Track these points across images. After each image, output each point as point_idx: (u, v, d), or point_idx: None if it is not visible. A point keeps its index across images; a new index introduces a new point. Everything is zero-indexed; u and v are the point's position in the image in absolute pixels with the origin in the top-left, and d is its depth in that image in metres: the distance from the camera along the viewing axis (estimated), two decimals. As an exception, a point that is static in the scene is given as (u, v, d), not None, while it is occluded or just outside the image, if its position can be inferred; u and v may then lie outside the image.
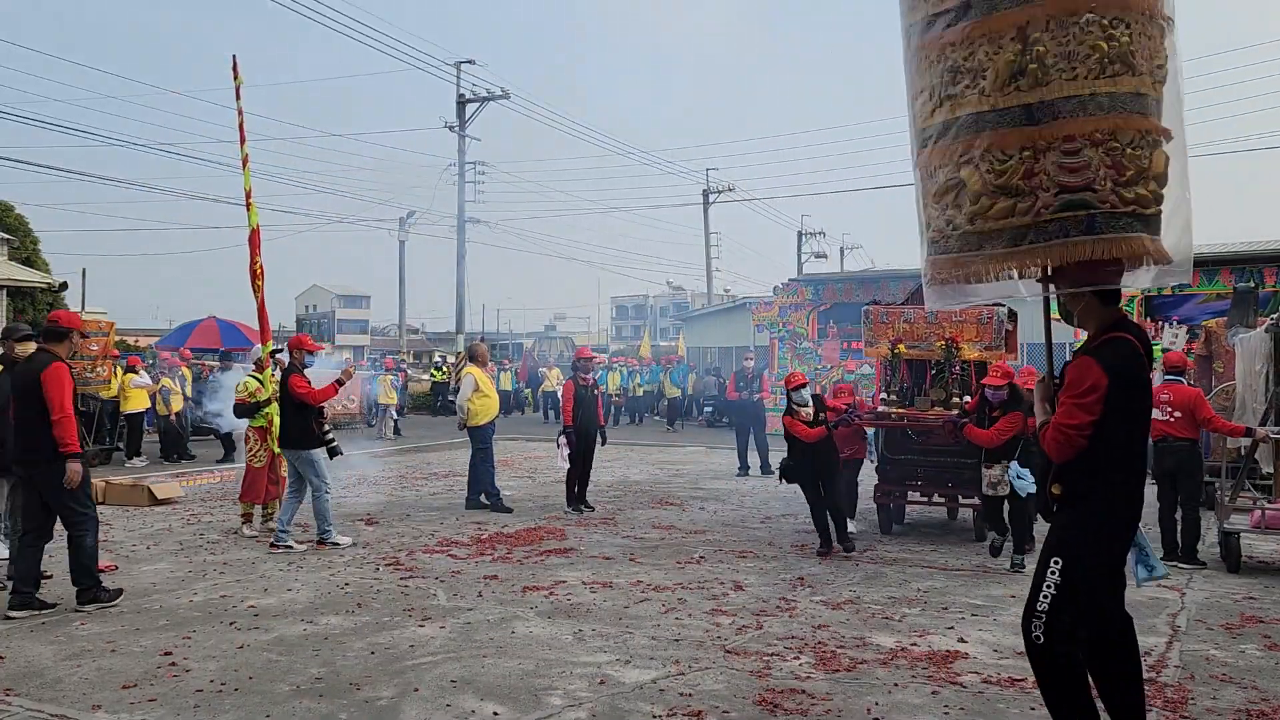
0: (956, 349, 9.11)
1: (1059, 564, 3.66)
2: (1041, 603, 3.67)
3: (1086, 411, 3.56)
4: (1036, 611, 3.67)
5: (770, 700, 4.63)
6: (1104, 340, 3.68)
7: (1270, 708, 4.62)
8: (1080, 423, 3.57)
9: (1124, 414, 3.60)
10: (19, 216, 21.13)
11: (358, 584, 7.00)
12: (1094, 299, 3.73)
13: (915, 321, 9.31)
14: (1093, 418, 3.56)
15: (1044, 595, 3.67)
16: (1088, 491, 3.65)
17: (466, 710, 4.51)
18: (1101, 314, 3.75)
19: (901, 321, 9.40)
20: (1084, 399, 3.56)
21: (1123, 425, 3.61)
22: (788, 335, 21.08)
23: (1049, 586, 3.66)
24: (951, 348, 9.12)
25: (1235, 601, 6.75)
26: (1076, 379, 3.61)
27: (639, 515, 10.28)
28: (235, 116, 9.32)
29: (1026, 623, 3.74)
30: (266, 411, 8.92)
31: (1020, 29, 3.52)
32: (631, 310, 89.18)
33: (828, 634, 5.82)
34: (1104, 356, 3.61)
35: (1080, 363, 3.64)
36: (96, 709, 4.52)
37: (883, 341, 9.42)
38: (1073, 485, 3.68)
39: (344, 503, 11.09)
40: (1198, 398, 8.26)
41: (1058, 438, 3.62)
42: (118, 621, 5.99)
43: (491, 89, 32.14)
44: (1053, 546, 3.72)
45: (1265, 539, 8.86)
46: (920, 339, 9.29)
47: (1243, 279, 15.36)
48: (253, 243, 9.30)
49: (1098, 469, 3.63)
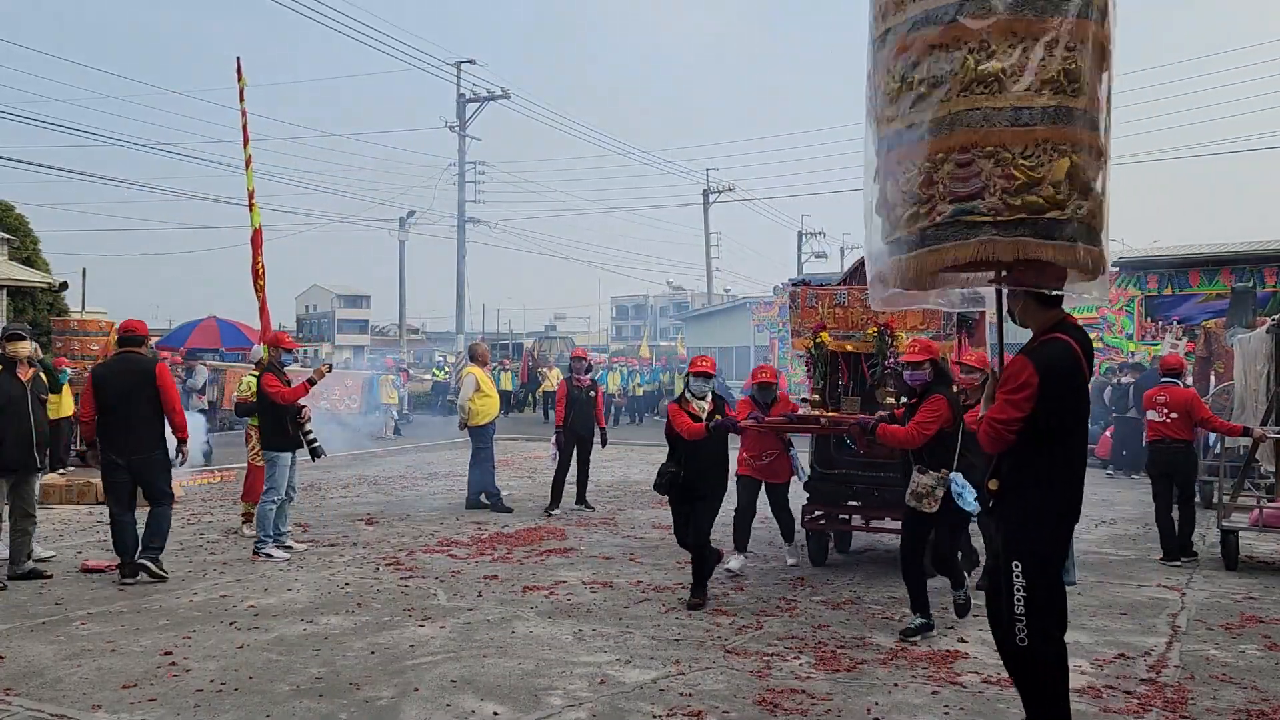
0: (891, 338, 7.35)
1: (1019, 566, 3.75)
2: (1016, 606, 3.74)
3: (1016, 408, 3.72)
4: (1015, 616, 3.74)
5: (770, 700, 4.63)
6: (1042, 341, 3.84)
7: (1270, 708, 4.62)
8: (1009, 418, 3.73)
9: (1056, 412, 3.74)
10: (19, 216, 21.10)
11: (358, 584, 7.00)
12: (1031, 300, 3.89)
13: (850, 306, 7.63)
14: (1022, 415, 3.72)
15: (1016, 600, 3.74)
16: (1018, 484, 3.80)
17: (466, 710, 4.51)
18: (1041, 316, 3.90)
19: (833, 305, 7.73)
20: (1015, 395, 3.73)
21: (1055, 422, 3.75)
22: (788, 335, 21.07)
23: (1018, 590, 3.74)
24: (885, 336, 7.37)
25: (1235, 601, 6.75)
26: (1010, 376, 3.77)
27: (639, 515, 10.28)
28: (239, 118, 9.28)
29: (1005, 630, 3.78)
30: None
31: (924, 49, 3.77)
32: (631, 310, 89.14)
33: (828, 634, 5.82)
34: (1039, 356, 3.76)
35: (1015, 361, 3.79)
36: (96, 709, 4.51)
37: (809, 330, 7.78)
38: (1007, 479, 3.84)
39: (344, 503, 11.10)
40: (1193, 399, 8.34)
41: (989, 431, 3.80)
42: (118, 621, 5.99)
43: (492, 89, 32.19)
44: (1008, 549, 3.81)
45: (1265, 540, 8.88)
46: (855, 327, 7.63)
47: (1243, 279, 15.38)
48: (255, 243, 9.31)
49: (1030, 464, 3.79)
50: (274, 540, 8.03)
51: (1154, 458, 8.46)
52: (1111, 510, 11.17)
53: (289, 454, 8.17)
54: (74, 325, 15.77)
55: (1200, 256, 17.19)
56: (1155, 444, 8.39)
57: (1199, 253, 17.46)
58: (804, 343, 7.80)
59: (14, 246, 19.99)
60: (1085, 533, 9.75)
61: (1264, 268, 16.02)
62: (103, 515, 9.95)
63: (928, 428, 5.59)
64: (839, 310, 7.67)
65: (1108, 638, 5.79)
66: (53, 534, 8.88)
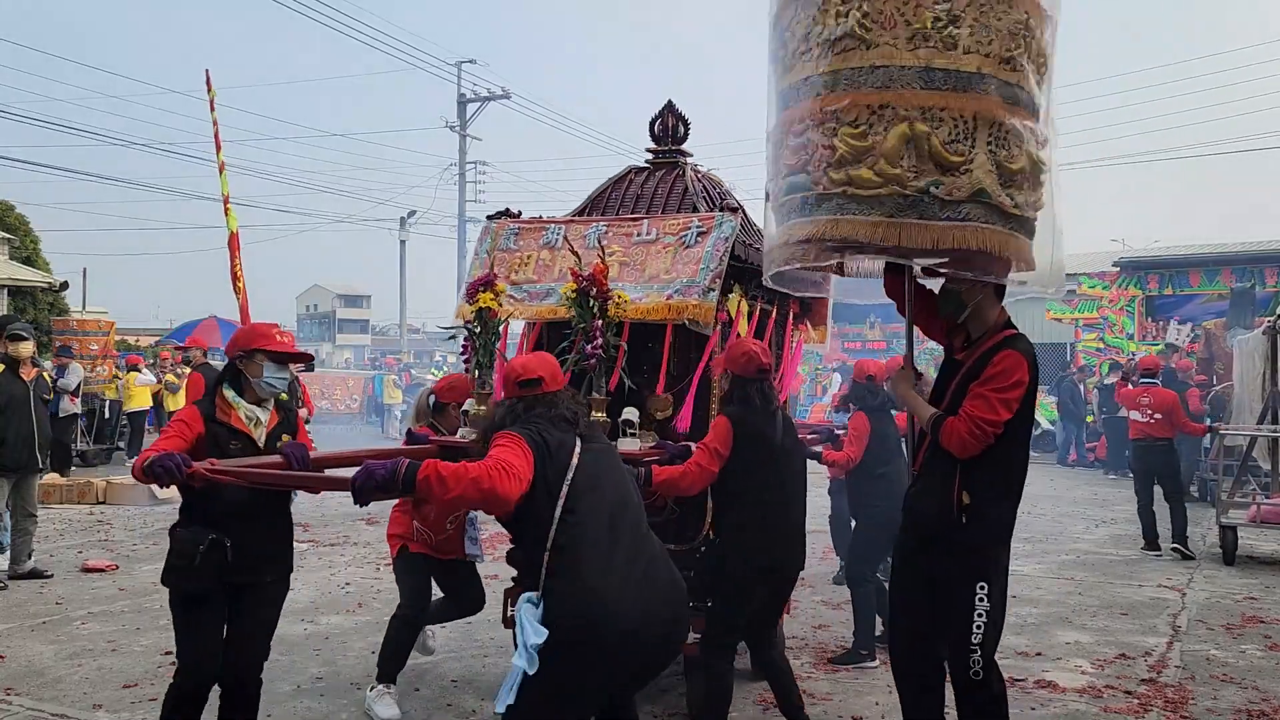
0: (602, 301, 4.07)
1: (985, 588, 3.29)
2: (975, 635, 3.30)
3: (1007, 408, 3.26)
4: (971, 645, 3.30)
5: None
6: (1012, 334, 3.40)
7: (1271, 708, 4.62)
8: (999, 419, 3.25)
9: (1028, 414, 3.37)
10: (19, 216, 21.09)
11: (358, 584, 7.00)
12: (991, 293, 3.44)
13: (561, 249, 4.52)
14: (1010, 415, 3.27)
15: (976, 626, 3.30)
16: (987, 498, 3.31)
17: (467, 710, 4.51)
18: (995, 311, 3.47)
19: (541, 248, 4.69)
20: (1009, 394, 3.27)
21: (1025, 426, 3.38)
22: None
23: (979, 615, 3.29)
24: (590, 300, 4.07)
25: (1236, 602, 6.75)
26: (1003, 372, 3.28)
27: (639, 515, 10.27)
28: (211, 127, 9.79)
29: (959, 659, 3.33)
30: None
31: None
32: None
33: (828, 634, 5.82)
34: (1025, 350, 3.33)
35: (1009, 356, 3.30)
36: (97, 708, 4.52)
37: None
38: (985, 490, 3.31)
39: (345, 502, 11.07)
40: (1176, 401, 8.60)
41: (973, 432, 3.24)
42: (118, 621, 5.99)
43: (492, 89, 32.20)
44: (973, 571, 3.31)
45: (1266, 539, 8.90)
46: (552, 278, 4.55)
47: (1243, 279, 15.38)
48: (232, 247, 9.66)
49: (1000, 473, 3.34)
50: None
51: (1138, 456, 8.69)
52: (1111, 510, 11.18)
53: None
54: (74, 325, 15.79)
55: (1201, 256, 17.17)
56: (1139, 443, 8.62)
57: (1199, 253, 17.46)
58: (466, 310, 4.38)
59: (14, 246, 20.00)
60: (1085, 533, 9.76)
61: (1265, 268, 16.00)
62: (103, 515, 9.98)
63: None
64: (547, 253, 4.66)
65: (1108, 638, 5.79)
66: (53, 534, 8.87)
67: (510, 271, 4.67)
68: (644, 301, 4.26)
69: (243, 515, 3.39)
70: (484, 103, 31.98)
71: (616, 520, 2.89)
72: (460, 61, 31.75)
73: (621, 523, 2.90)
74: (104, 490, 10.84)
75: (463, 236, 31.94)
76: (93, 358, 15.18)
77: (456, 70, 31.84)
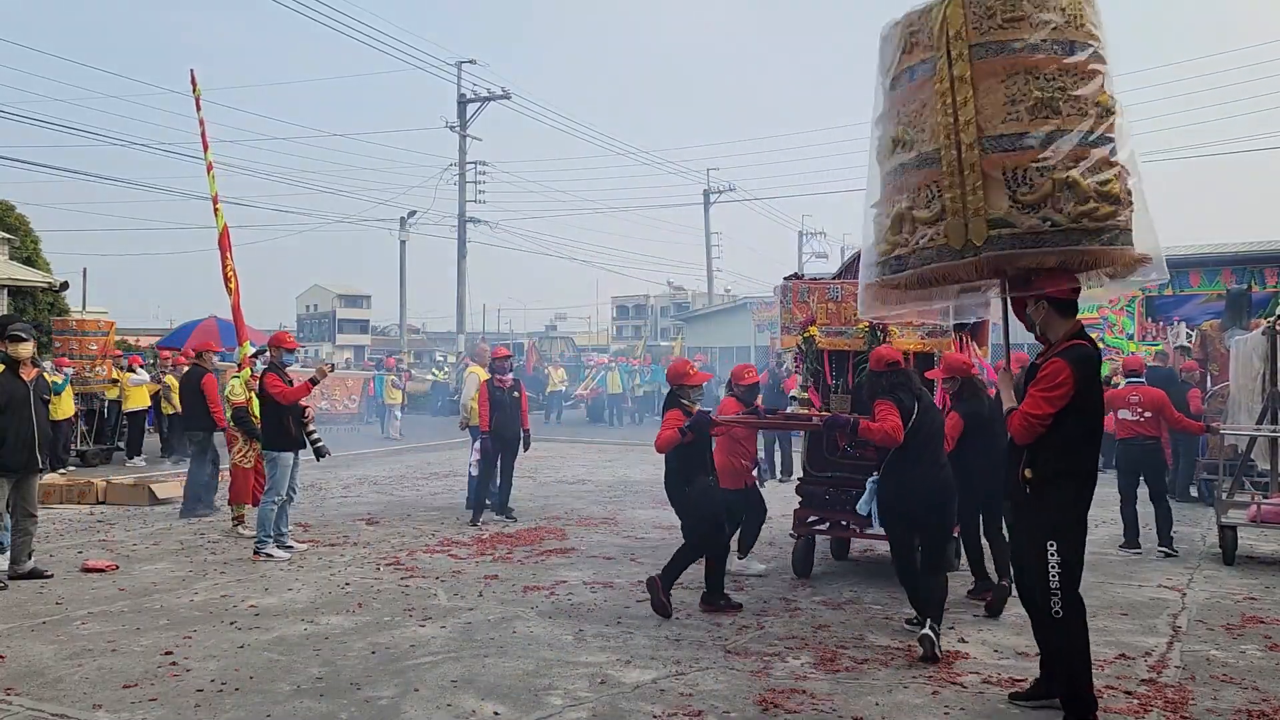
0: (884, 335, 7.03)
1: (1054, 545, 4.20)
2: (1053, 581, 4.19)
3: (1050, 405, 4.16)
4: (1051, 590, 4.19)
5: (770, 700, 4.63)
6: (1069, 344, 4.26)
7: (1271, 709, 4.62)
8: (1044, 414, 4.17)
9: (1081, 409, 4.19)
10: (19, 216, 21.09)
11: (358, 584, 7.00)
12: (1053, 311, 4.33)
13: (843, 301, 7.26)
14: (1054, 410, 4.16)
15: (1052, 575, 4.19)
16: (1056, 475, 4.23)
17: (467, 710, 4.51)
18: (1062, 325, 4.34)
19: (825, 300, 7.38)
20: (1051, 393, 4.17)
21: (1081, 418, 4.20)
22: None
23: (1053, 567, 4.19)
24: (878, 334, 7.03)
25: (1236, 602, 6.75)
26: (1048, 375, 4.20)
27: (639, 515, 10.28)
28: (198, 125, 10.00)
29: (1042, 600, 4.23)
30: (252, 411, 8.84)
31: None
32: (632, 310, 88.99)
33: (828, 634, 5.82)
34: (1072, 358, 4.20)
35: (1054, 364, 4.21)
36: (97, 708, 4.52)
37: (799, 326, 7.48)
38: (1044, 469, 4.23)
39: (345, 502, 11.11)
40: (1165, 399, 8.67)
41: (1024, 425, 4.21)
42: (118, 621, 5.99)
43: (492, 89, 32.20)
44: (1042, 530, 4.23)
45: (1266, 540, 8.90)
46: (847, 323, 7.27)
47: (1243, 279, 15.39)
48: (222, 245, 9.68)
49: (1065, 458, 4.22)
50: (274, 540, 8.03)
51: (1125, 454, 8.73)
52: (1111, 511, 11.11)
53: (290, 454, 8.16)
54: (73, 325, 15.79)
55: (1201, 256, 17.18)
56: (1127, 442, 8.66)
57: (1199, 253, 17.47)
58: (794, 339, 7.54)
59: (14, 246, 20.00)
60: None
61: (1264, 268, 16.02)
62: (103, 515, 9.99)
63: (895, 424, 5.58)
64: (831, 305, 7.36)
65: (1108, 638, 5.79)
66: (53, 534, 8.88)
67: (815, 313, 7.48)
68: (902, 339, 7.09)
69: None
70: (484, 103, 32.01)
71: (934, 442, 5.63)
72: (460, 61, 31.81)
73: (934, 443, 5.63)
74: (104, 490, 10.84)
75: (463, 236, 31.96)
76: (92, 358, 15.19)
77: (456, 70, 31.89)
